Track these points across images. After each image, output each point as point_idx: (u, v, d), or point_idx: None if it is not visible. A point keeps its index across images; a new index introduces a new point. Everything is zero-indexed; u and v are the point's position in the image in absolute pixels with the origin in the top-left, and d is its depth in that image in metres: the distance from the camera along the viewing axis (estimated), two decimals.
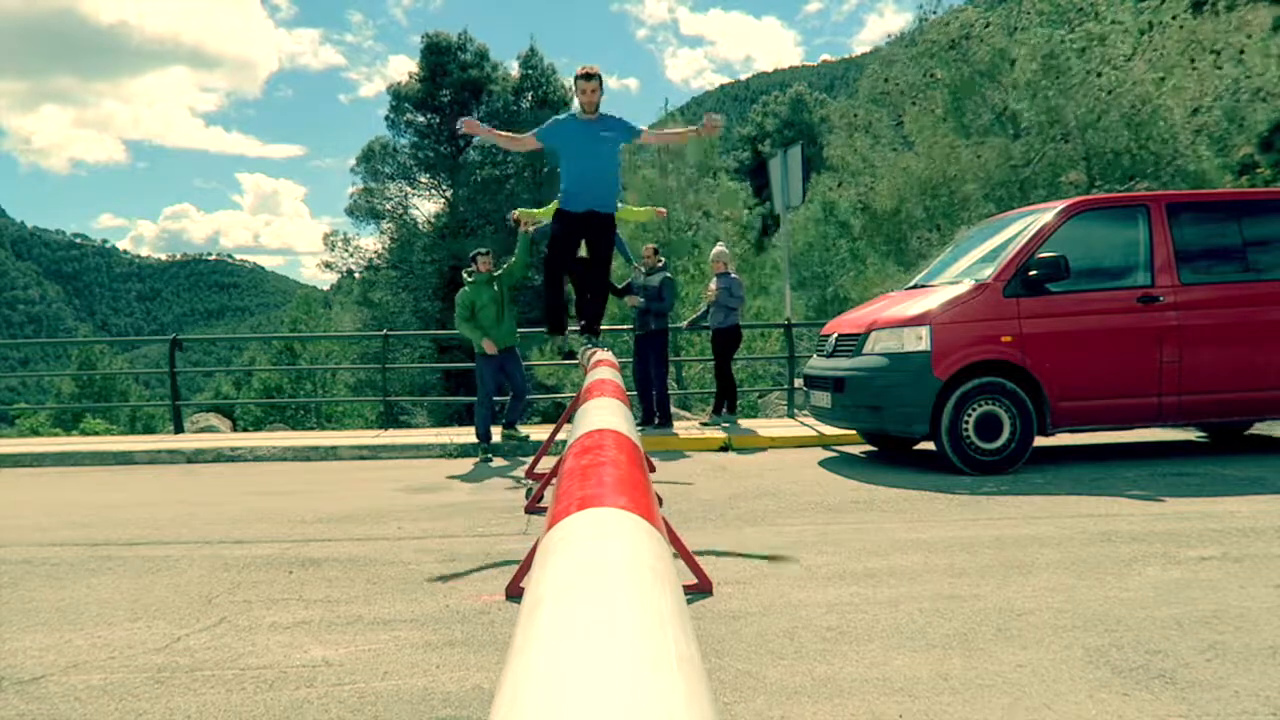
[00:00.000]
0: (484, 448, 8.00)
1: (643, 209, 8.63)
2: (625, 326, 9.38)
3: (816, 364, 7.41)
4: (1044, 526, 4.46)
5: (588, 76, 5.64)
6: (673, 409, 9.40)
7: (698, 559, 3.53)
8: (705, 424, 9.14)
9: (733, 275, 9.10)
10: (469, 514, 5.24)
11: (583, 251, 6.09)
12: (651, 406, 8.99)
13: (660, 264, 9.07)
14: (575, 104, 5.80)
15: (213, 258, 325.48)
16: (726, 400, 9.28)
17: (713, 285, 9.02)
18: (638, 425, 8.82)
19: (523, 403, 8.37)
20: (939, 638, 2.85)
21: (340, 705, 2.43)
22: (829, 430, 8.28)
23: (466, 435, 8.90)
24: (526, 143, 5.81)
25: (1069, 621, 2.97)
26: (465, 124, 5.71)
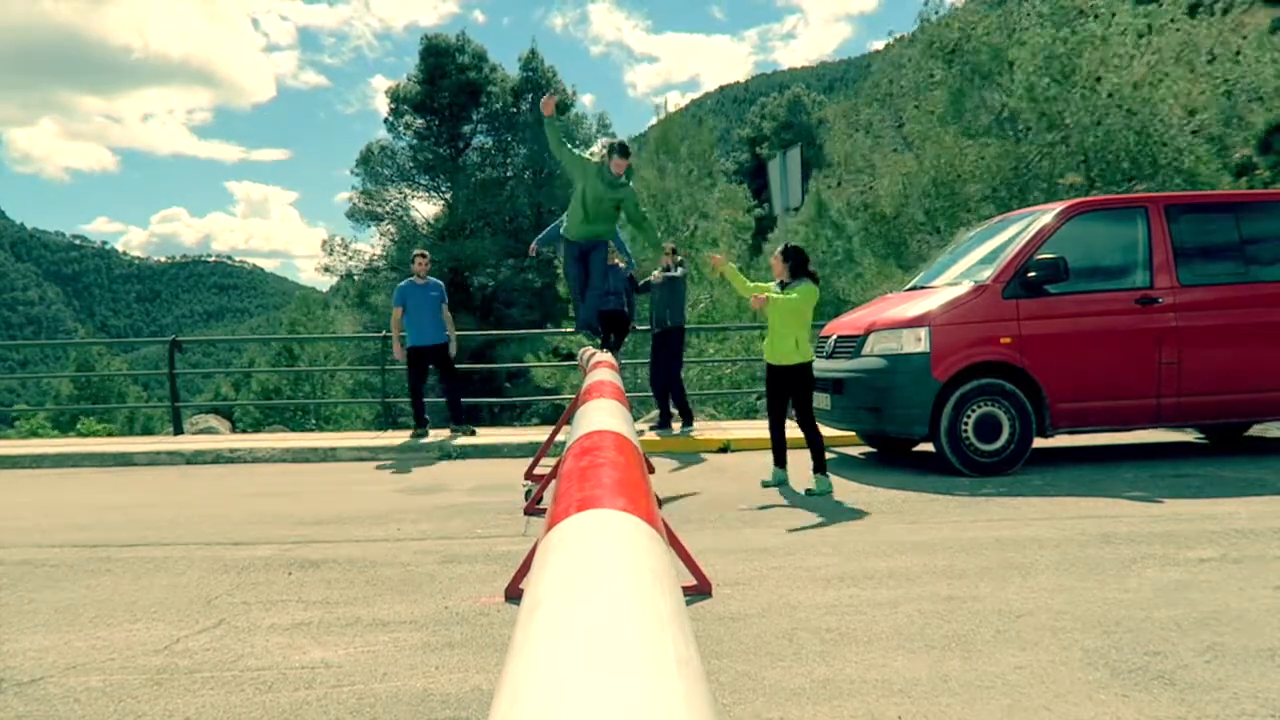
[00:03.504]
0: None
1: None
2: (644, 327, 9.35)
3: (815, 365, 7.41)
4: (1043, 528, 4.46)
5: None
6: (672, 410, 9.35)
7: (697, 560, 3.53)
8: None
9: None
10: (468, 515, 5.24)
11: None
12: (667, 408, 8.91)
13: (679, 261, 9.02)
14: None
15: (212, 259, 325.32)
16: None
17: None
18: (655, 427, 8.83)
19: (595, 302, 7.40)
20: (938, 639, 2.85)
21: (339, 707, 2.43)
22: (828, 431, 8.26)
23: (463, 437, 8.90)
24: None
25: (1068, 623, 2.97)
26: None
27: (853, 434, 7.83)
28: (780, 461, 6.14)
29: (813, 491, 5.70)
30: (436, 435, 8.93)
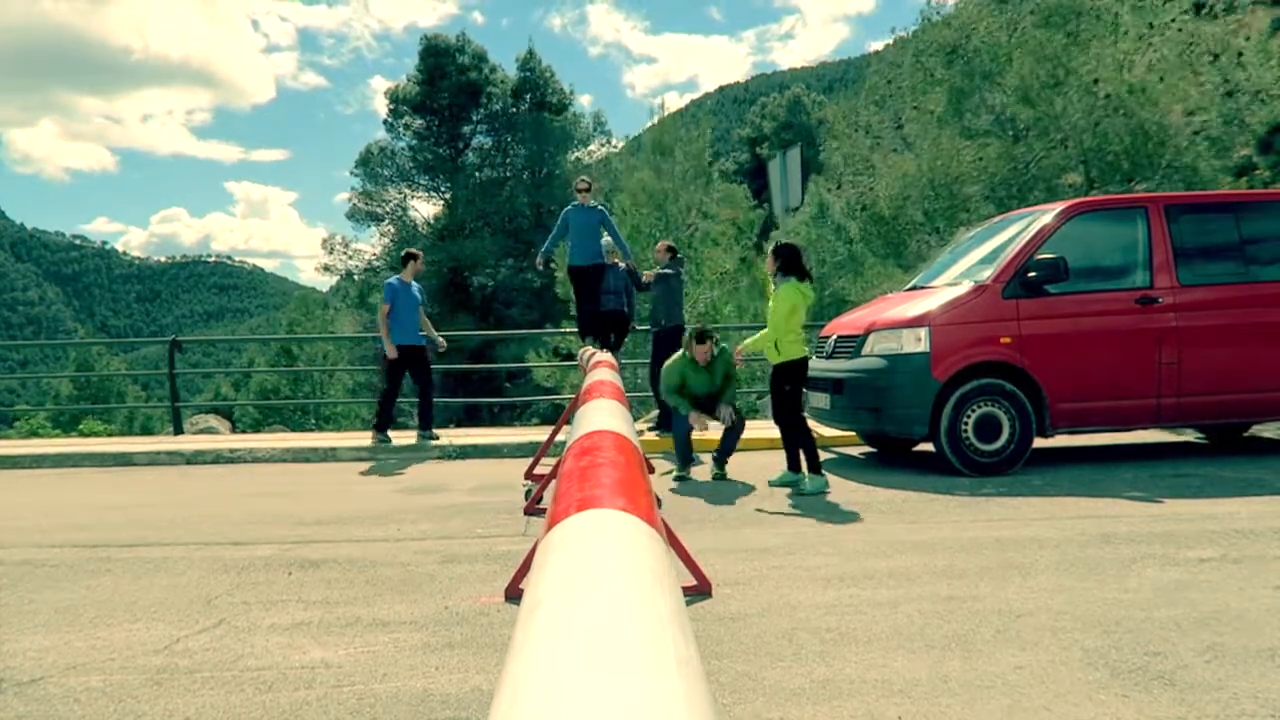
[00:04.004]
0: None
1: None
2: (644, 327, 9.34)
3: (816, 365, 7.41)
4: (1043, 528, 4.46)
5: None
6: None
7: (697, 560, 3.53)
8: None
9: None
10: (468, 515, 5.24)
11: None
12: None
13: (679, 260, 8.90)
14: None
15: (212, 259, 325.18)
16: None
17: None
18: (654, 427, 8.80)
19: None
20: (938, 639, 2.85)
21: (339, 707, 2.43)
22: (828, 432, 8.28)
23: (465, 437, 8.90)
24: None
25: (1068, 623, 2.97)
26: None
27: (853, 434, 7.83)
28: (792, 464, 6.02)
29: (805, 490, 5.72)
30: (417, 438, 8.91)
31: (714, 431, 7.75)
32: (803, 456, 5.91)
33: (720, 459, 6.64)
